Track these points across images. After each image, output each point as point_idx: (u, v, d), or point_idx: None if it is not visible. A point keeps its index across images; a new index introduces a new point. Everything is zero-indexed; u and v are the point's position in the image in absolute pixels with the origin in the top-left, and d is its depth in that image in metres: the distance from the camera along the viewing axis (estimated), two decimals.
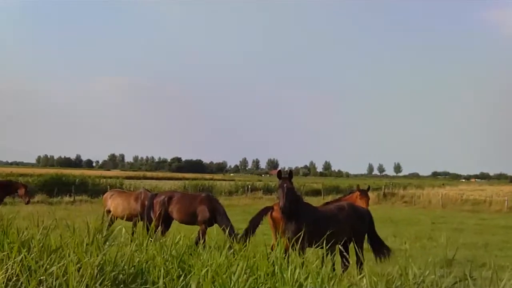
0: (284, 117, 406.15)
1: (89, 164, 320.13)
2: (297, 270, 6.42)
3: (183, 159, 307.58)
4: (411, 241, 24.63)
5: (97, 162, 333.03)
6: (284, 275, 6.34)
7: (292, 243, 12.06)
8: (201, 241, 16.83)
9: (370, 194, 19.11)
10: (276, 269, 6.61)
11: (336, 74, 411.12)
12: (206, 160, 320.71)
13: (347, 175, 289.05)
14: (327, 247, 12.98)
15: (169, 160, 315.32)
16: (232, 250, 7.90)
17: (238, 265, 6.68)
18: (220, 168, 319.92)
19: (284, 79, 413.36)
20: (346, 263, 14.30)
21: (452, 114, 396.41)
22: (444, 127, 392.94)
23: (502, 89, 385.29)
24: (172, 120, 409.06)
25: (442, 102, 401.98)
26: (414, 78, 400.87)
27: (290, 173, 13.50)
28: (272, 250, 14.88)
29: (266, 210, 16.19)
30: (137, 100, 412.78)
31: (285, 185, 13.05)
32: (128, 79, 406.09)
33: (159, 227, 19.33)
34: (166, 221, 19.88)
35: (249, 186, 69.15)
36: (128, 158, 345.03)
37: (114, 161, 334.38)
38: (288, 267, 6.71)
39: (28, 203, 27.37)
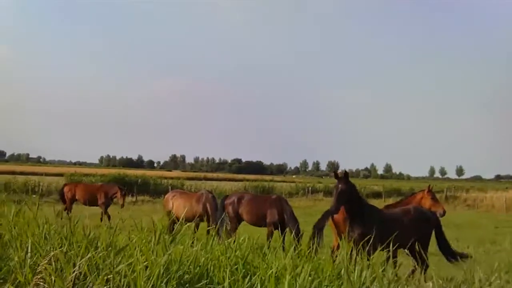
0: (345, 119, 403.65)
1: (150, 164, 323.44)
2: (364, 273, 6.38)
3: (243, 160, 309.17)
4: (474, 245, 24.30)
5: (158, 162, 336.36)
6: (351, 278, 6.30)
7: (355, 245, 12.09)
8: (267, 242, 16.91)
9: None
10: (342, 271, 6.58)
11: (398, 74, 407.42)
12: (266, 161, 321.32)
13: (408, 178, 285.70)
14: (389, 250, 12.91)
15: (229, 161, 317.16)
16: (297, 252, 7.88)
17: (303, 267, 6.67)
18: (280, 169, 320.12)
19: (344, 80, 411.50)
20: (415, 267, 14.17)
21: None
22: (508, 129, 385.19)
23: None
24: (232, 121, 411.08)
25: (505, 103, 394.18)
26: (477, 78, 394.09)
27: (346, 174, 13.35)
28: (332, 252, 14.83)
29: (329, 213, 16.14)
30: (198, 101, 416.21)
31: (339, 185, 13.01)
32: (188, 80, 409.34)
33: (228, 227, 19.59)
34: (235, 221, 20.12)
35: (310, 188, 69.06)
36: (189, 159, 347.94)
37: (175, 162, 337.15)
38: (354, 269, 6.68)
39: (122, 206, 27.95)
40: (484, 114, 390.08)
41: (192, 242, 8.60)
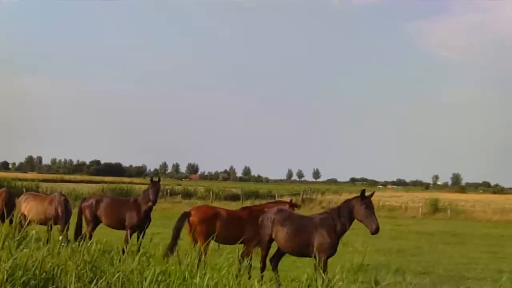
0: (204, 121, 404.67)
1: (5, 166, 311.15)
2: (207, 276, 6.49)
3: (102, 162, 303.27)
4: None
5: (14, 164, 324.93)
6: (195, 281, 6.40)
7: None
8: (124, 246, 16.75)
9: (287, 199, 19.22)
10: (187, 275, 6.66)
11: (257, 78, 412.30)
12: (125, 163, 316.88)
13: (267, 180, 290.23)
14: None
15: (87, 163, 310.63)
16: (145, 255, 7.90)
17: (150, 270, 6.70)
18: (140, 171, 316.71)
19: (204, 83, 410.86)
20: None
21: (370, 121, 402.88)
22: (362, 133, 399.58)
23: (417, 96, 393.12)
24: (91, 122, 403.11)
25: (359, 109, 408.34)
26: (334, 83, 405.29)
27: (371, 195, 14.54)
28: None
29: (185, 215, 16.32)
30: (56, 101, 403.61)
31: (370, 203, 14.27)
32: (47, 79, 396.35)
33: (87, 230, 19.33)
34: (93, 225, 19.89)
35: (168, 190, 68.93)
36: (46, 161, 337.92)
37: (31, 164, 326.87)
38: (205, 272, 6.77)
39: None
40: (338, 119, 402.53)
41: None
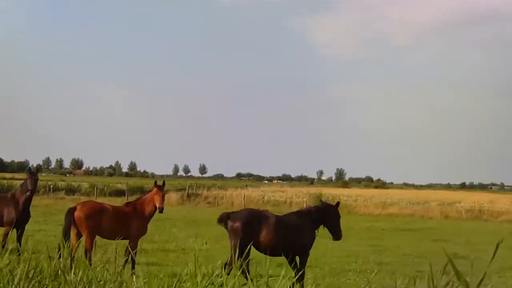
0: (89, 115, 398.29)
1: None
2: (80, 273, 6.36)
3: None
4: (212, 241, 25.00)
5: None
6: (68, 277, 6.26)
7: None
8: (2, 244, 16.15)
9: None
10: (59, 272, 6.50)
11: (143, 71, 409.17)
12: (7, 158, 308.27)
13: (153, 176, 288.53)
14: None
15: None
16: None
17: (19, 268, 6.48)
18: (22, 167, 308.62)
19: (87, 75, 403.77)
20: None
21: (255, 116, 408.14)
22: (247, 129, 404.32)
23: (303, 92, 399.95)
24: None
25: (244, 105, 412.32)
26: (222, 80, 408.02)
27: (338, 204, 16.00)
28: (72, 250, 14.64)
29: (71, 211, 16.06)
30: None
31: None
32: None
33: None
34: None
35: (51, 186, 67.75)
36: None
37: None
38: (79, 268, 6.62)
39: None
40: (226, 115, 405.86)
41: None
